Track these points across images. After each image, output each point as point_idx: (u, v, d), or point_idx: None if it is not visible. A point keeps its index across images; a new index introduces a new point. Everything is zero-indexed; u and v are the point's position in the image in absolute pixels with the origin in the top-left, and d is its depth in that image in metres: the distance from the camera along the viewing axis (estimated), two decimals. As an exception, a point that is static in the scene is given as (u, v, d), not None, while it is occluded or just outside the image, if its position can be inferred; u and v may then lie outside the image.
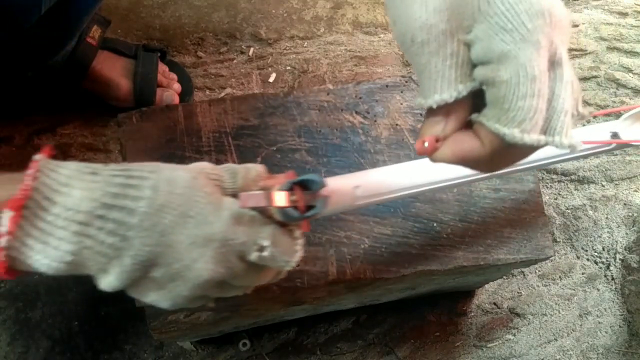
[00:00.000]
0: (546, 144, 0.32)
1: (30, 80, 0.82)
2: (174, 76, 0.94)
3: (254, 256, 0.37)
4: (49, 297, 0.84)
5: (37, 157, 0.35)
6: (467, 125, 0.36)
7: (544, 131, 0.32)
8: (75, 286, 0.85)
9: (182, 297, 0.37)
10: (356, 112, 0.65)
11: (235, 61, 1.03)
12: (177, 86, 0.93)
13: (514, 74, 0.31)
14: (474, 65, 0.34)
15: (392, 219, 0.61)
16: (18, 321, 0.83)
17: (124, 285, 0.36)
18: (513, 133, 0.31)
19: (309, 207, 0.39)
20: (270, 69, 1.03)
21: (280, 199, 0.38)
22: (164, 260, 0.35)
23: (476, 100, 0.36)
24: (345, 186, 0.44)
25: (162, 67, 0.93)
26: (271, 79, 1.02)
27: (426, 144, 0.35)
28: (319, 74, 1.04)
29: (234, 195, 0.40)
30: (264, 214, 0.39)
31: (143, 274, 0.36)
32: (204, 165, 0.40)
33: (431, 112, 0.35)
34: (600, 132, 0.55)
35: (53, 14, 0.64)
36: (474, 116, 0.35)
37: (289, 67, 1.04)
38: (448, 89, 0.33)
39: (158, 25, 1.02)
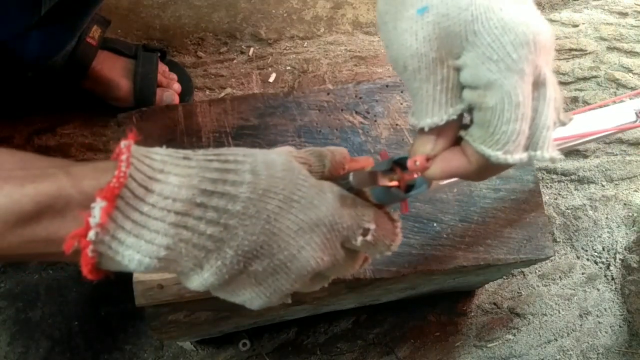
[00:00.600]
0: (529, 159, 0.35)
1: (30, 80, 0.82)
2: (174, 76, 0.94)
3: (358, 240, 0.36)
4: (49, 297, 0.84)
5: (125, 142, 0.32)
6: (456, 140, 0.38)
7: (527, 147, 0.34)
8: (75, 286, 0.85)
9: (280, 293, 0.35)
10: (356, 112, 0.65)
11: (235, 61, 1.03)
12: (177, 86, 0.93)
13: (499, 101, 0.32)
14: (462, 87, 0.35)
15: (392, 219, 0.61)
16: (18, 321, 0.83)
17: (220, 282, 0.33)
18: (497, 155, 0.33)
19: (409, 187, 0.37)
20: (270, 69, 1.03)
21: (384, 178, 0.36)
22: (268, 250, 0.33)
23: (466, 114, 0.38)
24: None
25: (162, 67, 0.93)
26: (271, 79, 1.02)
27: (417, 163, 0.36)
28: (319, 74, 1.04)
29: (323, 179, 0.38)
30: (361, 197, 0.38)
31: (243, 267, 0.33)
32: (290, 149, 0.38)
33: (422, 131, 0.37)
34: (625, 110, 0.55)
35: (53, 14, 0.64)
36: (462, 134, 0.36)
37: (289, 67, 1.04)
38: (439, 112, 0.35)
39: (158, 25, 1.02)
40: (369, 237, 0.36)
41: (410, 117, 0.37)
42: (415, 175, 0.37)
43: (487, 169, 0.36)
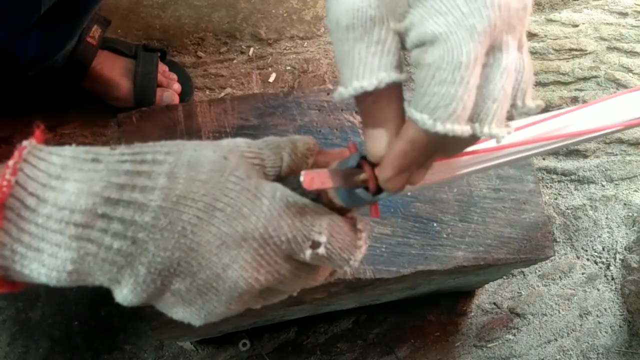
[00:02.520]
0: (471, 134, 0.28)
1: (30, 80, 0.82)
2: (174, 76, 0.94)
3: (307, 255, 0.30)
4: (49, 297, 0.84)
5: (26, 142, 0.29)
6: None
7: (472, 119, 0.28)
8: (75, 286, 0.85)
9: (216, 315, 0.31)
10: (356, 112, 0.65)
11: (235, 61, 1.03)
12: (177, 86, 0.93)
13: (438, 57, 0.27)
14: (404, 58, 0.31)
15: (392, 219, 0.61)
16: (18, 321, 0.83)
17: (142, 300, 0.30)
18: (423, 119, 0.27)
19: (381, 188, 0.31)
20: (270, 69, 1.03)
21: (349, 177, 0.30)
22: (187, 268, 0.28)
23: None
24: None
25: (162, 67, 0.93)
26: (271, 79, 1.02)
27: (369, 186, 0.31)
28: (319, 74, 1.04)
29: (280, 177, 0.33)
30: (321, 199, 0.32)
31: (163, 286, 0.29)
32: (239, 142, 0.32)
33: (373, 128, 0.31)
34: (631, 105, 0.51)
35: (53, 14, 0.64)
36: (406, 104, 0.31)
37: (289, 67, 1.04)
38: (370, 76, 0.29)
39: (158, 25, 1.02)
40: (320, 251, 0.30)
41: (336, 92, 0.30)
42: None
43: (430, 146, 0.29)
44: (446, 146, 0.30)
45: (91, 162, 0.28)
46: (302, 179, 0.29)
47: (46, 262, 0.28)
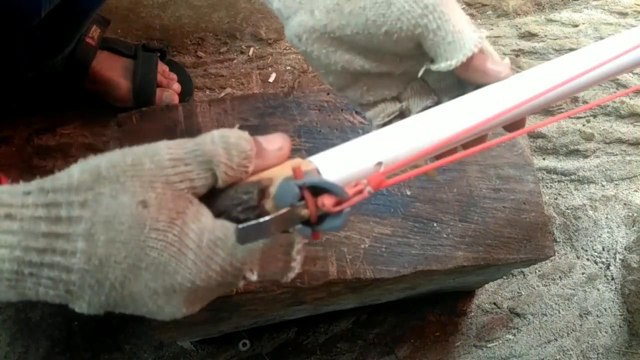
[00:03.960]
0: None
1: (30, 80, 0.82)
2: (174, 76, 0.94)
3: (240, 286, 0.32)
4: (49, 297, 0.84)
5: None
6: None
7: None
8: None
9: (170, 315, 0.32)
10: (356, 112, 0.65)
11: (235, 61, 1.03)
12: (177, 86, 0.93)
13: None
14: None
15: (392, 219, 0.61)
16: (18, 321, 0.83)
17: (98, 313, 0.31)
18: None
19: (322, 217, 0.30)
20: (270, 69, 1.03)
21: (291, 217, 0.29)
22: (124, 307, 0.31)
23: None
24: (365, 167, 0.34)
25: (162, 67, 0.93)
26: (271, 79, 1.02)
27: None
28: (319, 74, 1.04)
29: (212, 193, 0.32)
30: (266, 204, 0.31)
31: (110, 311, 0.31)
32: (162, 160, 0.30)
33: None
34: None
35: (53, 17, 0.64)
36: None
37: (289, 67, 1.04)
38: None
39: (158, 25, 1.02)
40: (253, 279, 0.31)
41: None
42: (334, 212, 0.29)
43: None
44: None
45: (5, 219, 0.28)
46: (234, 234, 0.29)
47: None
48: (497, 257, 0.63)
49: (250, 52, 1.04)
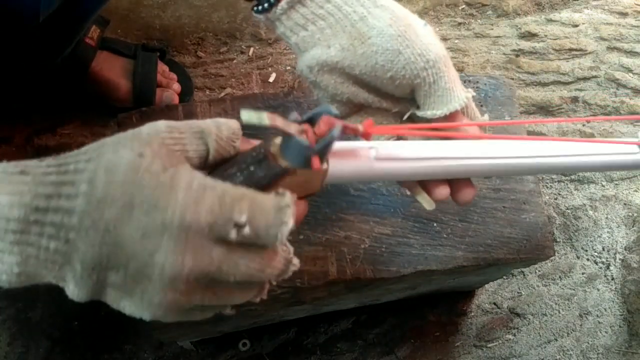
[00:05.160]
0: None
1: (30, 80, 0.82)
2: (174, 76, 0.94)
3: (232, 235, 0.32)
4: (49, 297, 0.84)
5: None
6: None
7: None
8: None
9: (157, 305, 0.32)
10: (356, 112, 0.65)
11: (235, 61, 1.03)
12: (176, 86, 0.93)
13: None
14: None
15: (392, 219, 0.61)
16: (18, 321, 0.83)
17: (88, 294, 0.32)
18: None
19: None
20: (270, 69, 1.03)
21: (286, 124, 0.32)
22: (116, 260, 0.31)
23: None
24: (357, 147, 0.40)
25: (162, 67, 0.93)
26: (271, 79, 1.02)
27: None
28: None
29: (202, 163, 0.34)
30: (267, 160, 0.34)
31: (100, 279, 0.32)
32: (160, 127, 0.34)
33: None
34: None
35: (52, 20, 0.64)
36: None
37: (289, 67, 1.04)
38: None
39: (158, 25, 1.02)
40: (246, 231, 0.31)
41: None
42: (328, 126, 0.34)
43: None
44: None
45: (19, 175, 0.31)
46: (265, 116, 0.32)
47: None
48: (497, 257, 0.63)
49: (250, 52, 1.04)
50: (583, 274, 1.01)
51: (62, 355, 0.83)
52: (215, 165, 0.35)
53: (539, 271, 1.00)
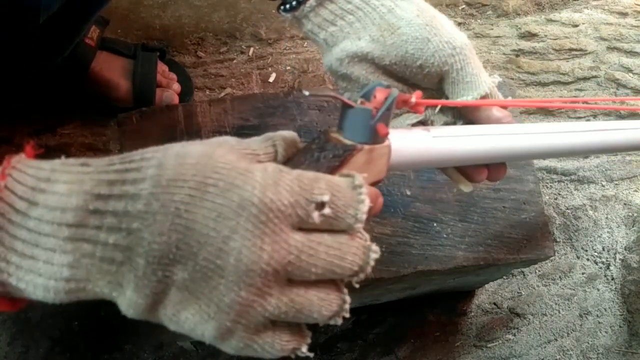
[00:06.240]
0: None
1: (30, 80, 0.82)
2: (174, 76, 0.94)
3: (315, 217, 0.29)
4: (49, 297, 0.84)
5: (15, 158, 0.28)
6: None
7: None
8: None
9: (227, 309, 0.28)
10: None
11: (235, 61, 1.03)
12: (176, 86, 0.93)
13: None
14: None
15: (392, 219, 0.61)
16: (18, 321, 0.83)
17: (148, 301, 0.28)
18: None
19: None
20: (270, 69, 1.03)
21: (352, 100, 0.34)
22: (187, 249, 0.27)
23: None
24: (414, 129, 0.42)
25: (162, 67, 0.93)
26: (271, 79, 1.02)
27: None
28: (319, 74, 1.04)
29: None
30: (332, 142, 0.34)
31: (165, 278, 0.27)
32: (228, 139, 0.32)
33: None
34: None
35: (53, 21, 0.64)
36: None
37: (289, 67, 1.04)
38: None
39: (158, 25, 1.02)
40: (326, 211, 0.29)
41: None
42: (384, 95, 0.35)
43: None
44: None
45: (80, 166, 0.28)
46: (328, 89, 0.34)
47: (42, 271, 0.27)
48: (497, 257, 0.63)
49: (250, 52, 1.04)
50: (583, 274, 1.01)
51: (62, 355, 0.83)
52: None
53: (539, 271, 1.00)
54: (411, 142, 0.39)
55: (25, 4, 0.57)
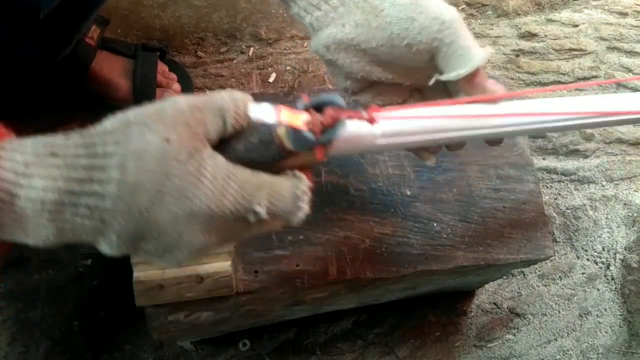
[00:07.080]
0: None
1: (30, 80, 0.82)
2: (174, 76, 0.94)
3: (252, 220, 0.35)
4: (49, 297, 0.84)
5: None
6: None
7: None
8: (75, 286, 0.85)
9: (183, 261, 0.36)
10: (356, 112, 0.65)
11: (235, 61, 1.03)
12: (176, 86, 0.93)
13: None
14: None
15: (392, 219, 0.61)
16: (18, 321, 0.83)
17: (120, 254, 0.35)
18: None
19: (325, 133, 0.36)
20: (270, 69, 1.03)
21: (293, 116, 0.35)
22: (150, 234, 0.34)
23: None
24: (361, 128, 0.42)
25: (162, 67, 0.93)
26: (271, 79, 1.02)
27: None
28: (319, 74, 1.04)
29: (219, 138, 0.36)
30: (273, 140, 0.36)
31: (134, 246, 0.35)
32: (181, 106, 0.35)
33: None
34: None
35: (53, 18, 0.64)
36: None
37: (289, 67, 1.04)
38: None
39: (158, 25, 1.02)
40: (263, 216, 0.35)
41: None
42: (334, 119, 0.36)
43: None
44: None
45: (50, 157, 0.32)
46: (273, 111, 0.36)
47: (31, 235, 0.33)
48: (497, 257, 0.63)
49: (250, 52, 1.04)
50: (583, 274, 1.01)
51: (62, 355, 0.83)
52: (229, 137, 0.37)
53: (539, 271, 1.00)
54: (355, 145, 0.41)
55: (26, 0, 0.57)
